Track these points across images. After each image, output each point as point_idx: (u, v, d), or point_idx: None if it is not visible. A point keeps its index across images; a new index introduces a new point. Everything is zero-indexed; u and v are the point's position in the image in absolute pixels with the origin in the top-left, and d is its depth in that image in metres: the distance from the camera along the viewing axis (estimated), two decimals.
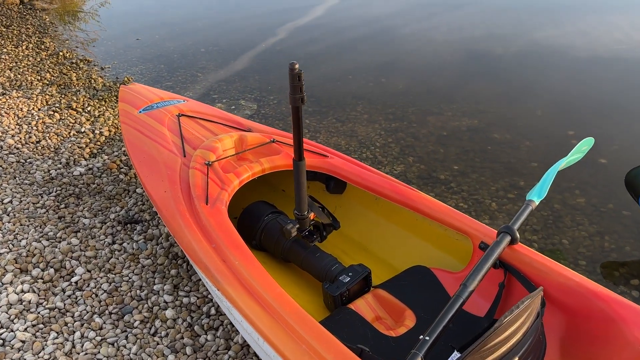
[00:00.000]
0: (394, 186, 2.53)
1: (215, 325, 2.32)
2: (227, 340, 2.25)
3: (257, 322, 1.84)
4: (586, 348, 1.88)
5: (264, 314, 1.84)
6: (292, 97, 1.95)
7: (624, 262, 2.79)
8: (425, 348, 1.64)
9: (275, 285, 1.92)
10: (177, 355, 2.15)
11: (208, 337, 2.25)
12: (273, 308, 1.84)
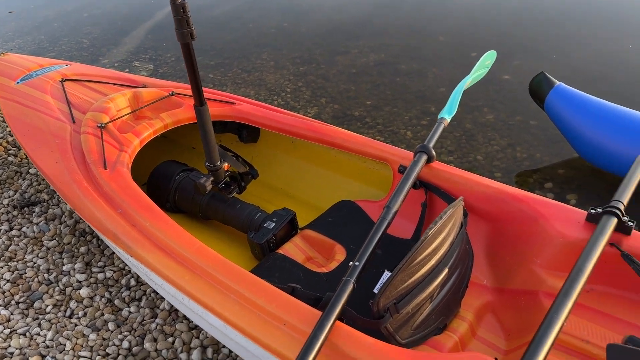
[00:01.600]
0: (308, 125, 2.43)
1: (137, 296, 2.16)
2: (153, 308, 2.10)
3: (179, 281, 1.70)
4: (511, 250, 1.92)
5: (185, 272, 1.71)
6: (179, 32, 1.77)
7: (537, 169, 2.88)
8: (356, 273, 1.59)
9: (194, 240, 1.78)
10: (99, 333, 1.98)
11: (131, 309, 2.10)
12: (194, 264, 1.71)
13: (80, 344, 1.93)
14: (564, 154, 2.96)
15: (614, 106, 2.63)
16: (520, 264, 1.87)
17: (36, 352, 1.89)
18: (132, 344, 1.94)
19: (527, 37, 4.27)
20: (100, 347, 1.93)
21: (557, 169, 2.87)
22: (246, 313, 1.57)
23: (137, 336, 1.97)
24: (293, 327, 1.49)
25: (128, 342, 1.94)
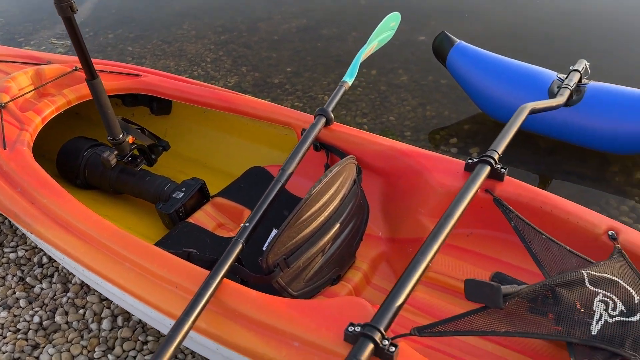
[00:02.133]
0: (217, 94, 2.46)
1: (49, 273, 2.19)
2: (65, 283, 2.14)
3: (76, 253, 1.75)
4: (401, 202, 2.04)
5: (82, 245, 1.76)
6: (57, 6, 1.76)
7: (444, 126, 3.02)
8: (246, 234, 1.67)
9: (92, 214, 1.82)
10: (10, 310, 2.01)
11: (43, 285, 2.13)
12: (91, 237, 1.76)
13: None
14: (470, 111, 3.10)
15: (510, 61, 2.77)
16: (408, 214, 1.99)
17: None
18: (43, 318, 1.98)
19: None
20: (11, 323, 1.96)
21: (462, 125, 3.01)
22: (140, 279, 1.64)
23: (49, 311, 2.01)
24: (185, 289, 1.57)
25: (39, 317, 1.98)
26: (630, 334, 1.32)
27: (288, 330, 1.43)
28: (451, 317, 1.40)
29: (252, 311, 1.48)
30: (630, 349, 1.30)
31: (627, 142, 2.55)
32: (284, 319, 1.44)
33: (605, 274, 1.44)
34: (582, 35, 3.70)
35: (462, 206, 1.65)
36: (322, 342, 1.38)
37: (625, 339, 1.32)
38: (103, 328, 1.96)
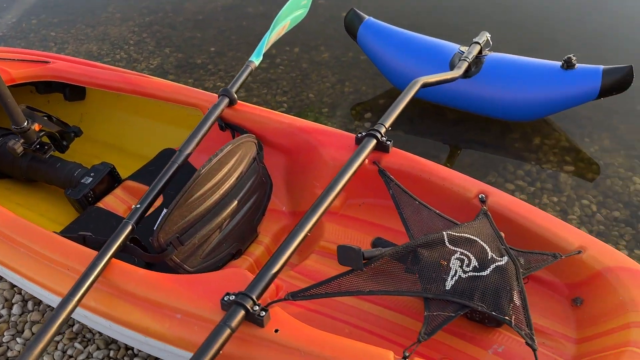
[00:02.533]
0: (126, 78, 2.47)
1: None
2: None
3: None
4: (301, 177, 2.13)
5: None
6: None
7: (360, 102, 3.11)
8: (136, 216, 1.74)
9: None
10: None
11: None
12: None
13: None
14: (385, 86, 3.20)
15: (416, 35, 2.86)
16: (306, 188, 2.09)
17: None
18: None
19: None
20: None
21: (377, 100, 3.11)
22: (34, 264, 1.69)
23: None
24: (77, 271, 1.62)
25: None
26: (480, 287, 1.46)
27: (170, 304, 1.51)
28: (322, 281, 1.51)
29: (137, 288, 1.56)
30: (479, 301, 1.44)
31: (525, 109, 2.70)
32: (167, 293, 1.52)
33: (465, 234, 1.57)
34: (485, 8, 3.83)
35: (344, 178, 1.75)
36: (201, 312, 1.48)
37: (474, 292, 1.45)
38: (13, 313, 2.00)
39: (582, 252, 1.59)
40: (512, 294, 1.45)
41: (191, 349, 1.47)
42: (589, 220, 2.33)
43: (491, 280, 1.47)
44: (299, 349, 1.37)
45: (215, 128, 2.28)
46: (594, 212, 2.36)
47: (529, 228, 1.68)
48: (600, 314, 1.51)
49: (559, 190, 2.48)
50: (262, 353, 1.40)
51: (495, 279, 1.47)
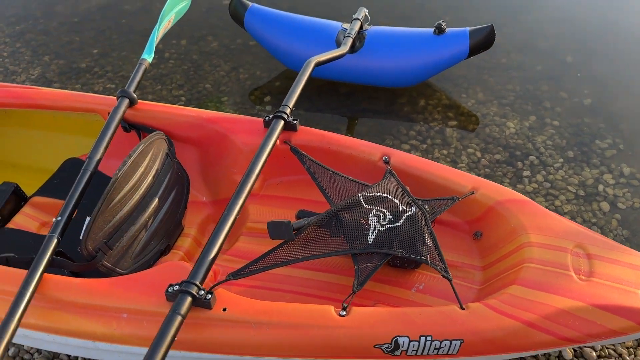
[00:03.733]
0: (11, 92, 2.37)
1: None
2: None
3: None
4: (217, 166, 2.21)
5: None
6: None
7: (257, 87, 3.21)
8: (59, 228, 1.73)
9: None
10: None
11: None
12: None
13: None
14: (279, 68, 3.32)
15: (301, 17, 3.00)
16: (224, 176, 2.18)
17: None
18: None
19: None
20: None
21: (274, 83, 3.23)
22: None
23: None
24: (8, 293, 1.60)
25: None
26: (397, 236, 1.66)
27: (114, 305, 1.56)
28: (258, 257, 1.63)
29: (77, 297, 1.58)
30: (398, 248, 1.64)
31: (406, 75, 2.95)
32: (108, 296, 1.56)
33: (377, 193, 1.76)
34: None
35: (261, 161, 1.87)
36: (147, 307, 1.54)
37: (393, 241, 1.65)
38: None
39: (475, 193, 1.85)
40: (424, 237, 1.66)
41: (144, 344, 1.53)
42: (475, 165, 2.65)
43: (405, 229, 1.67)
44: (249, 321, 1.49)
45: (120, 131, 2.27)
46: (479, 157, 2.68)
47: (428, 179, 1.91)
48: (497, 241, 1.78)
49: (447, 143, 2.77)
50: (216, 332, 1.49)
51: (408, 227, 1.68)
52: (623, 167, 2.59)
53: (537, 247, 1.64)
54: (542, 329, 1.47)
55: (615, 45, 3.39)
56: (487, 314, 1.48)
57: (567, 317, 1.48)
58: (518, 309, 1.49)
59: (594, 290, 1.54)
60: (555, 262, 1.60)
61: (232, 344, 1.50)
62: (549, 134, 2.80)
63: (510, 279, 1.60)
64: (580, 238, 1.68)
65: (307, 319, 1.49)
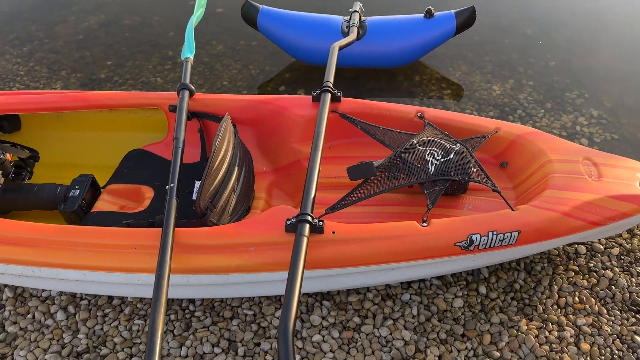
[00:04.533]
0: (70, 96, 2.64)
1: None
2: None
3: (26, 257, 1.96)
4: (274, 140, 2.58)
5: (29, 249, 1.96)
6: None
7: (270, 79, 3.59)
8: (175, 191, 2.04)
9: (20, 223, 2.01)
10: None
11: None
12: (35, 240, 1.97)
13: None
14: (285, 61, 3.72)
15: (308, 15, 3.42)
16: (283, 146, 2.55)
17: None
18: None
19: None
20: None
21: (284, 74, 3.62)
22: (97, 255, 1.94)
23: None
24: (144, 247, 1.92)
25: None
26: (452, 166, 2.10)
27: (242, 242, 1.91)
28: (347, 194, 2.03)
29: (209, 240, 1.92)
30: (454, 174, 2.09)
31: (403, 56, 3.43)
32: (236, 236, 1.92)
33: (426, 138, 2.21)
34: None
35: (323, 125, 2.26)
36: (270, 239, 1.90)
37: (449, 170, 2.09)
38: (59, 319, 2.17)
39: (498, 131, 2.33)
40: (471, 165, 2.12)
41: (272, 269, 1.89)
42: None
43: (456, 160, 2.12)
44: (354, 238, 1.89)
45: None
46: None
47: (459, 126, 2.38)
48: (522, 165, 2.26)
49: (446, 108, 3.26)
50: (330, 250, 1.88)
51: (458, 159, 2.13)
52: (592, 111, 3.17)
53: (557, 162, 2.14)
54: (575, 216, 1.95)
55: (565, 16, 4.02)
56: (534, 210, 1.95)
57: (591, 206, 1.98)
58: (555, 204, 1.96)
59: (604, 186, 2.04)
60: (572, 170, 2.10)
61: (343, 258, 1.89)
62: (527, 92, 3.35)
63: (542, 187, 2.08)
64: (585, 153, 2.19)
65: (398, 232, 1.90)
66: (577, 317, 2.11)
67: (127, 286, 2.04)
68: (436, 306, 2.16)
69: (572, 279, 2.25)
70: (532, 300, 2.17)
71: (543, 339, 2.04)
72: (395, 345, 2.03)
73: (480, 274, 2.27)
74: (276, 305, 2.19)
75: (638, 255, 2.35)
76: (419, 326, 2.10)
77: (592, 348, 2.01)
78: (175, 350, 2.05)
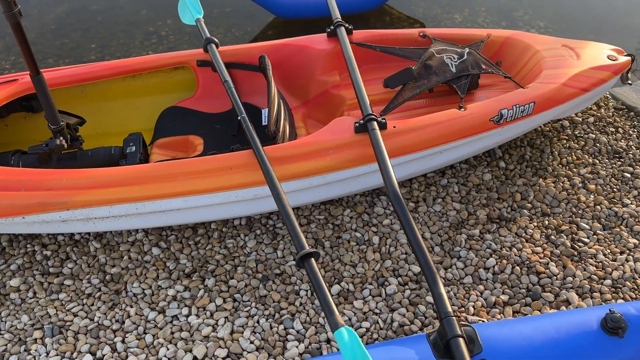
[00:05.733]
0: (89, 68, 2.77)
1: (64, 257, 2.44)
2: (87, 254, 2.45)
3: (134, 194, 2.19)
4: (299, 76, 2.91)
5: (135, 186, 2.19)
6: (7, 14, 2.02)
7: (255, 38, 3.88)
8: (247, 120, 2.35)
9: (113, 169, 2.24)
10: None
11: (69, 265, 2.40)
12: (138, 178, 2.20)
13: None
14: (263, 21, 4.02)
15: None
16: (310, 79, 2.89)
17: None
18: (103, 278, 2.33)
19: None
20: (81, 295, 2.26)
21: (266, 32, 3.93)
22: (198, 180, 2.21)
23: (99, 273, 2.35)
24: (238, 166, 2.22)
25: (97, 280, 2.32)
26: (468, 64, 2.57)
27: (319, 148, 2.25)
28: (393, 98, 2.44)
29: (291, 151, 2.25)
30: (472, 70, 2.55)
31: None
32: (312, 144, 2.26)
33: (439, 47, 2.65)
34: None
35: (351, 53, 2.63)
36: (343, 141, 2.27)
37: (467, 67, 2.56)
38: (156, 254, 2.42)
39: (490, 37, 2.82)
40: (482, 62, 2.60)
41: (351, 165, 2.26)
42: None
43: (470, 59, 2.59)
44: (412, 128, 2.30)
45: (206, 71, 2.86)
46: None
47: (457, 38, 2.84)
48: (515, 59, 2.78)
49: None
50: (395, 140, 2.28)
51: (471, 58, 2.60)
52: (539, 23, 3.77)
53: (543, 51, 2.67)
54: (570, 85, 2.49)
55: None
56: (541, 85, 2.46)
57: (579, 77, 2.53)
58: (554, 79, 2.49)
59: (584, 62, 2.60)
60: (557, 54, 2.64)
61: (405, 146, 2.30)
62: (483, 16, 3.91)
63: (539, 70, 2.60)
64: (561, 42, 2.75)
65: (444, 117, 2.34)
66: (579, 169, 2.68)
67: (224, 206, 2.32)
68: (471, 182, 2.64)
69: (566, 144, 2.82)
70: (542, 164, 2.71)
71: (560, 188, 2.58)
72: (450, 214, 2.49)
73: (496, 154, 2.77)
74: (342, 206, 2.56)
75: (608, 120, 2.96)
76: (462, 198, 2.56)
77: (596, 187, 2.58)
78: (271, 254, 2.38)
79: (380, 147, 2.12)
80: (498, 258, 2.29)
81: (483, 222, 2.43)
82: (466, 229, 2.41)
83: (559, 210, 2.48)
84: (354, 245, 2.39)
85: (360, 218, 2.50)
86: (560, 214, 2.47)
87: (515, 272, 2.23)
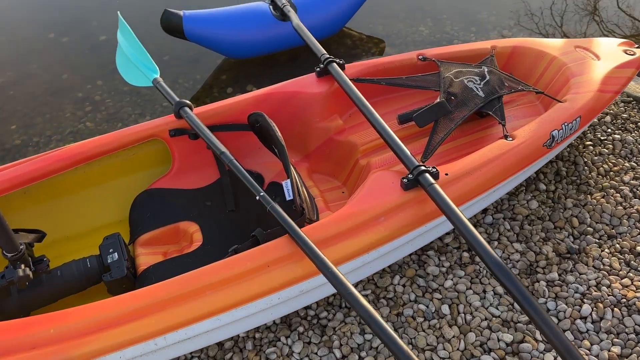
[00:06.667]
0: (30, 165, 2.20)
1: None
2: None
3: (162, 325, 1.68)
4: (297, 128, 2.48)
5: (160, 315, 1.66)
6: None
7: (208, 87, 3.38)
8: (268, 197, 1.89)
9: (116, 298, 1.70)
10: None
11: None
12: (154, 306, 1.68)
13: None
14: (210, 65, 3.52)
15: (233, 8, 3.26)
16: (309, 128, 2.47)
17: None
18: None
19: None
20: None
21: (219, 77, 3.44)
22: (238, 288, 1.72)
23: None
24: (276, 261, 1.75)
25: None
26: (494, 84, 2.26)
27: (367, 218, 1.84)
28: (429, 138, 2.08)
29: (335, 229, 1.82)
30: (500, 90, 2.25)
31: (332, 25, 3.49)
32: (358, 215, 1.84)
33: (453, 71, 2.33)
34: None
35: (355, 90, 2.25)
36: (393, 203, 1.88)
37: (495, 87, 2.25)
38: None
39: (495, 49, 2.54)
40: (506, 77, 2.31)
41: (407, 230, 1.87)
42: None
43: (493, 79, 2.28)
44: (466, 173, 1.95)
45: (182, 140, 2.36)
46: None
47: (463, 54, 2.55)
48: (528, 70, 2.52)
49: None
50: (452, 189, 1.91)
51: (494, 77, 2.29)
52: (509, 22, 3.60)
53: (561, 56, 2.43)
54: (605, 90, 2.26)
55: None
56: (579, 96, 2.21)
57: (610, 79, 2.31)
58: (588, 87, 2.25)
59: (605, 61, 2.39)
60: (577, 58, 2.41)
61: (463, 194, 1.94)
62: (449, 24, 3.66)
63: (565, 78, 2.35)
64: (572, 43, 2.52)
65: (495, 153, 2.01)
66: (621, 177, 2.45)
67: (262, 313, 1.84)
68: (519, 214, 2.33)
69: (594, 150, 2.59)
70: (582, 179, 2.46)
71: (613, 202, 2.34)
72: (514, 258, 2.16)
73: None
74: (390, 275, 2.16)
75: (624, 117, 2.78)
76: (519, 236, 2.25)
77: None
78: (328, 357, 1.92)
79: (448, 204, 1.74)
80: (591, 302, 1.98)
81: (556, 262, 2.13)
82: (542, 274, 2.09)
83: (624, 229, 2.23)
84: (421, 321, 1.99)
85: (414, 284, 2.11)
86: (627, 233, 2.22)
87: (615, 315, 1.94)
